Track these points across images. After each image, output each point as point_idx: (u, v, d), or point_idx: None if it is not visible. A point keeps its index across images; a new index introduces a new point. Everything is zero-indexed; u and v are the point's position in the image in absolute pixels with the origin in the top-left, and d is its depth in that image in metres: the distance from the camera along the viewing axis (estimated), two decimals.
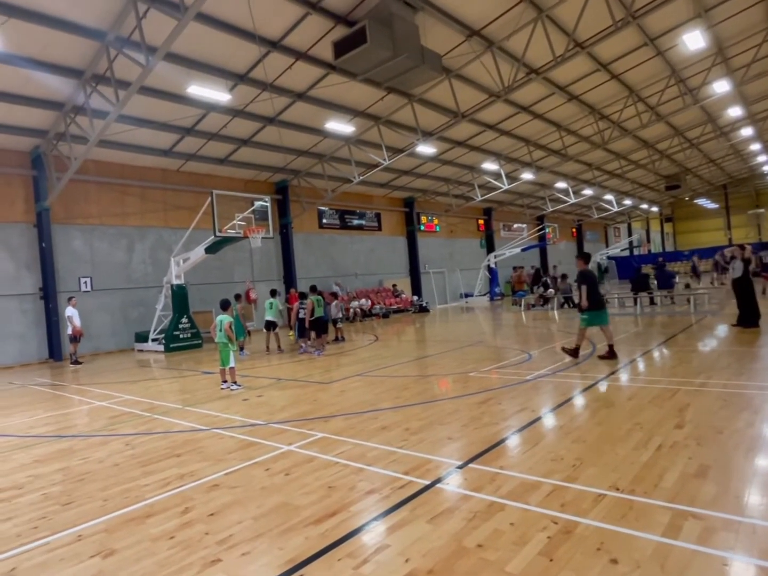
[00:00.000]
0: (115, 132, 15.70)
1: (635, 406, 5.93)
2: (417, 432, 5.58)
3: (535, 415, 5.90)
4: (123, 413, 7.87)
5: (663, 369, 8.17)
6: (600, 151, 28.69)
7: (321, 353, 13.09)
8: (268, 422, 6.51)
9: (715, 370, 7.55)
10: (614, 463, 4.27)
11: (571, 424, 5.47)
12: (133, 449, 5.80)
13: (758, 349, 9.09)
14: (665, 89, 21.67)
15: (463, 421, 5.86)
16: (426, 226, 32.64)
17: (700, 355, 9.02)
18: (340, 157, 22.24)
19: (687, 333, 11.87)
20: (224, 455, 5.28)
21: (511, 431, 5.36)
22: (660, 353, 9.58)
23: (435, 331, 18.27)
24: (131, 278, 19.22)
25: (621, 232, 58.62)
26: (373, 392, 7.96)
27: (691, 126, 28.99)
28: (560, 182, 34.38)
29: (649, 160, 33.60)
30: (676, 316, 15.55)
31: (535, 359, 9.81)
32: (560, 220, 44.51)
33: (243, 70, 14.70)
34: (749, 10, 16.82)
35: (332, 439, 5.57)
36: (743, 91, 24.21)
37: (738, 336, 10.68)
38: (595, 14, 14.33)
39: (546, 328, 15.45)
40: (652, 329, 13.20)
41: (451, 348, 12.49)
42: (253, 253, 22.49)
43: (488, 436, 5.22)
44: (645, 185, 42.15)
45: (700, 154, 36.30)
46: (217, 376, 9.62)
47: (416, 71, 13.97)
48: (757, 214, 56.83)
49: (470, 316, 23.24)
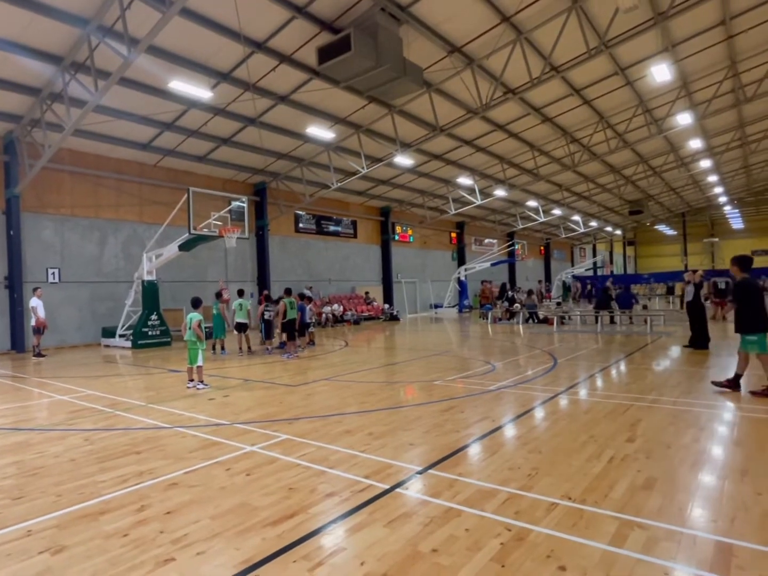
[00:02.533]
0: (93, 122, 15.36)
1: (590, 420, 6.04)
2: (380, 437, 5.57)
3: (496, 425, 5.94)
4: (84, 408, 7.62)
5: (619, 385, 8.34)
6: (570, 173, 29.30)
7: (291, 356, 12.97)
8: (233, 422, 6.39)
9: (666, 388, 7.76)
10: (568, 473, 4.33)
11: (529, 434, 5.53)
12: (91, 445, 5.62)
13: (706, 369, 9.35)
14: (632, 117, 22.30)
15: (425, 428, 5.87)
16: (400, 236, 32.76)
17: (653, 373, 9.25)
18: (320, 163, 22.19)
19: (642, 352, 12.15)
20: (185, 454, 5.17)
21: (472, 439, 5.39)
22: (617, 370, 9.78)
23: (404, 339, 18.29)
24: (102, 272, 18.72)
25: (586, 252, 59.92)
26: (339, 396, 7.90)
27: (655, 155, 29.92)
28: (531, 201, 34.98)
29: (615, 184, 34.52)
30: (633, 335, 15.92)
31: (499, 370, 9.90)
32: (530, 237, 45.30)
33: (226, 68, 14.54)
34: (713, 48, 17.47)
35: (296, 441, 5.50)
36: (704, 124, 25.09)
37: (689, 357, 10.99)
38: (571, 40, 14.68)
39: (511, 341, 15.62)
40: (611, 347, 13.48)
41: (419, 356, 12.52)
42: (228, 253, 22.19)
43: (449, 444, 5.24)
44: (610, 209, 43.23)
45: (662, 182, 37.45)
46: (184, 374, 9.43)
47: (398, 82, 14.07)
48: (711, 243, 59.01)
49: (439, 326, 23.36)
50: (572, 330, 18.09)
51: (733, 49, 18.03)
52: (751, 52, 18.35)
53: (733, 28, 16.43)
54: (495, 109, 18.22)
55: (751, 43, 17.67)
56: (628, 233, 62.12)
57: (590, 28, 14.71)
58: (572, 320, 20.62)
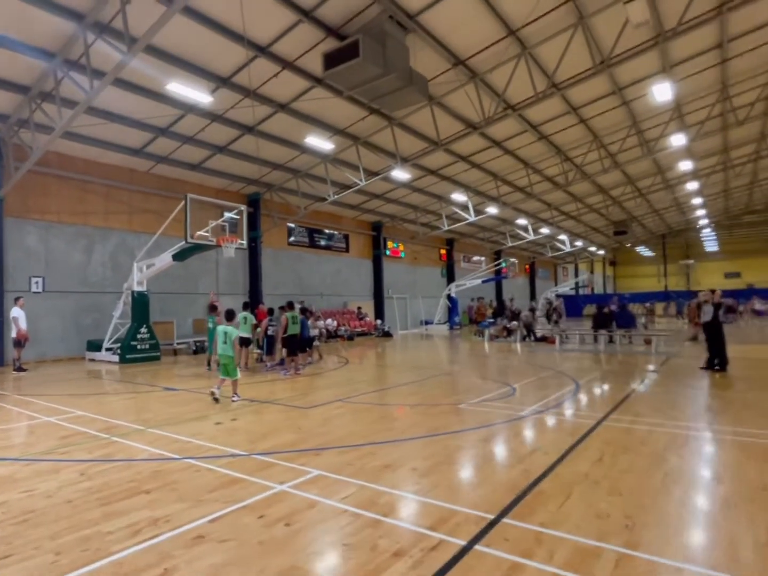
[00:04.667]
0: (84, 124, 14.39)
1: (653, 453, 5.31)
2: (427, 473, 4.77)
3: (551, 458, 5.17)
4: (75, 433, 6.65)
5: (658, 411, 7.65)
6: (560, 192, 29.13)
7: (288, 373, 12.08)
8: (251, 453, 5.53)
9: (712, 415, 7.12)
10: (668, 522, 3.61)
11: (595, 471, 4.77)
12: (89, 480, 4.70)
13: (741, 394, 8.75)
14: (626, 138, 22.14)
15: (473, 462, 5.11)
16: (392, 251, 32.10)
17: (687, 398, 8.56)
18: (315, 175, 21.46)
19: (661, 373, 11.49)
20: (204, 494, 4.30)
21: (532, 477, 4.62)
22: (646, 394, 9.07)
23: (404, 357, 17.42)
24: (88, 281, 17.57)
25: (569, 271, 60.06)
26: (361, 422, 7.08)
27: (643, 176, 29.93)
28: (521, 219, 34.69)
29: (603, 204, 34.47)
30: (638, 355, 15.36)
31: (520, 393, 9.17)
32: (516, 255, 45.04)
33: (227, 73, 13.79)
34: (707, 70, 17.35)
35: (331, 478, 4.67)
36: (692, 147, 25.10)
37: (714, 379, 10.27)
38: (573, 57, 14.37)
39: (517, 361, 14.92)
40: (624, 368, 12.74)
41: (428, 376, 11.73)
42: (219, 264, 21.22)
43: (509, 482, 4.47)
44: (596, 229, 43.29)
45: (647, 203, 37.61)
46: (181, 393, 8.55)
47: (403, 92, 13.45)
48: (687, 264, 59.76)
49: (434, 343, 22.60)
50: (574, 349, 17.49)
51: (726, 73, 17.96)
52: (742, 76, 18.33)
53: (728, 52, 16.32)
54: (493, 125, 17.80)
55: (744, 68, 17.63)
56: (609, 254, 62.54)
57: (594, 46, 14.42)
58: (569, 339, 20.07)
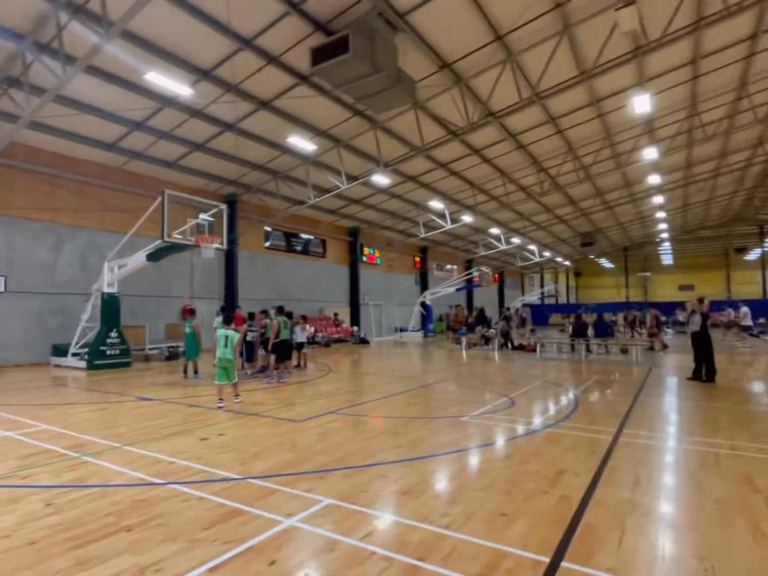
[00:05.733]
0: (54, 114, 13.26)
1: (692, 476, 4.79)
2: (453, 501, 4.10)
3: (583, 481, 4.55)
4: (39, 451, 5.68)
5: (673, 426, 7.17)
6: (533, 202, 29.06)
7: (271, 381, 11.23)
8: (245, 476, 4.72)
9: (727, 431, 6.63)
10: (753, 566, 3.02)
11: (638, 498, 4.16)
12: (57, 513, 3.83)
13: (739, 406, 8.38)
14: (600, 150, 22.12)
15: (501, 486, 4.44)
16: (368, 257, 31.39)
17: (693, 410, 8.11)
18: (295, 177, 20.61)
19: (651, 385, 10.99)
20: (199, 531, 3.50)
21: (573, 505, 3.98)
22: (649, 406, 8.53)
23: (387, 365, 16.55)
24: (55, 282, 16.24)
25: (535, 281, 60.52)
26: (361, 437, 6.34)
27: (611, 189, 30.14)
28: (494, 228, 34.51)
29: (572, 215, 34.65)
30: (620, 364, 15.04)
31: (520, 405, 8.57)
32: (487, 264, 44.94)
33: (208, 65, 12.89)
34: (678, 86, 17.38)
35: (344, 508, 3.93)
36: (660, 161, 25.35)
37: (709, 391, 9.82)
38: (556, 67, 14.07)
39: (504, 369, 14.38)
40: (612, 377, 12.18)
41: (418, 385, 11.07)
42: (194, 267, 20.09)
43: (550, 513, 3.84)
44: (563, 240, 43.60)
45: (613, 216, 38.05)
46: (157, 403, 7.65)
47: (391, 92, 12.83)
48: (645, 277, 61.12)
49: (413, 351, 21.91)
50: (554, 358, 17.10)
51: (696, 89, 18.06)
52: (711, 93, 18.49)
53: (700, 68, 16.37)
54: (473, 133, 17.41)
55: (713, 85, 17.77)
56: (574, 264, 63.41)
57: (577, 55, 14.21)
58: (545, 347, 19.74)
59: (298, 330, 13.43)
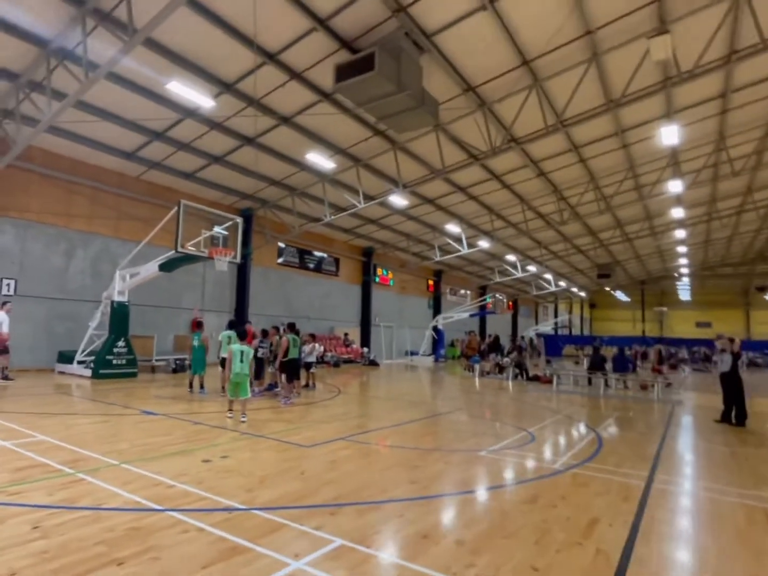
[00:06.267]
0: (74, 120, 13.21)
1: (749, 534, 4.19)
2: (478, 550, 3.57)
3: (619, 533, 3.97)
4: (33, 464, 5.28)
5: (714, 476, 6.56)
6: (551, 231, 28.62)
7: (289, 402, 10.75)
8: (250, 506, 4.24)
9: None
10: None
11: (685, 558, 3.63)
12: (45, 538, 3.42)
13: None
14: (623, 180, 21.71)
15: (529, 534, 3.91)
16: (381, 278, 31.06)
17: (731, 458, 7.40)
18: (312, 194, 20.45)
19: (677, 426, 10.32)
20: (197, 570, 3.06)
21: (613, 562, 3.43)
22: (682, 451, 7.94)
23: (399, 390, 15.97)
24: (65, 288, 16.05)
25: (549, 311, 59.67)
26: (373, 468, 5.84)
27: (632, 221, 29.61)
28: (510, 255, 34.06)
29: (591, 246, 34.10)
30: (641, 401, 14.28)
31: (540, 440, 7.99)
32: (501, 291, 44.40)
33: (232, 78, 12.81)
34: (706, 120, 17.00)
35: (359, 551, 3.44)
36: (682, 195, 24.84)
37: (742, 436, 9.12)
38: (582, 95, 13.76)
39: (519, 400, 13.77)
40: (635, 415, 11.44)
41: (431, 414, 10.50)
42: (206, 279, 19.86)
43: (588, 570, 3.31)
44: (580, 270, 42.96)
45: (632, 249, 37.41)
46: (161, 418, 7.30)
47: (414, 113, 12.58)
48: (661, 312, 60.00)
49: (424, 376, 21.24)
50: (570, 391, 16.38)
51: (725, 123, 17.66)
52: (740, 128, 18.06)
53: (730, 102, 15.99)
54: (494, 158, 17.12)
55: (742, 120, 17.35)
56: (589, 296, 62.53)
57: (605, 84, 13.93)
58: (562, 379, 19.01)
59: (306, 349, 12.99)
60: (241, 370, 8.37)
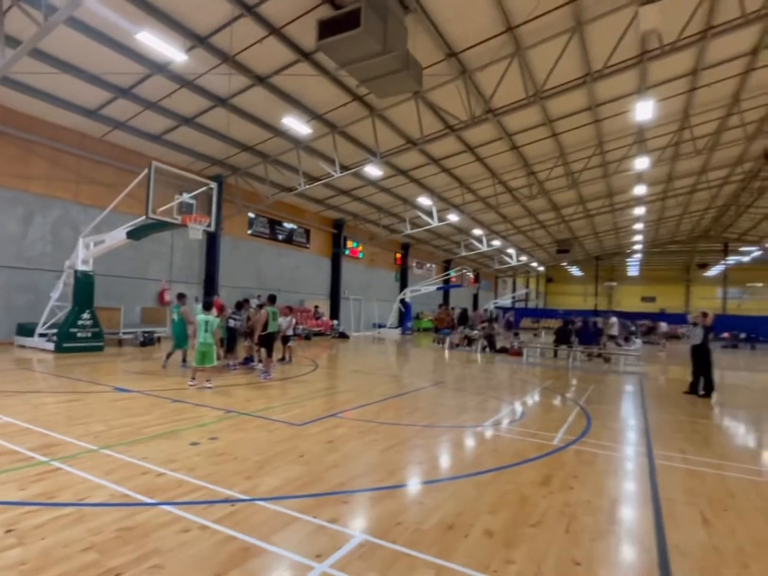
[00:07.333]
0: (30, 71, 11.86)
1: (762, 510, 4.05)
2: (511, 541, 3.26)
3: (645, 517, 3.76)
4: (1, 452, 4.58)
5: (707, 450, 6.49)
6: (518, 206, 28.60)
7: (268, 377, 10.20)
8: (253, 497, 3.75)
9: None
10: None
11: (721, 541, 3.44)
12: (21, 545, 2.82)
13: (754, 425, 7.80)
14: (591, 156, 21.71)
15: (557, 522, 3.64)
16: (351, 251, 30.39)
17: (717, 432, 7.42)
18: (285, 162, 19.48)
19: (652, 398, 10.39)
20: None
21: (651, 553, 3.18)
22: (669, 424, 7.89)
23: (375, 362, 15.53)
24: (23, 256, 14.74)
25: (508, 285, 60.52)
26: (375, 448, 5.44)
27: (594, 198, 29.92)
28: (477, 229, 33.97)
29: (553, 222, 34.39)
30: (609, 374, 14.40)
31: (529, 415, 7.80)
32: (465, 266, 44.53)
33: (205, 31, 11.72)
34: (676, 97, 17.04)
35: (384, 548, 3.04)
36: (644, 173, 25.16)
37: (718, 408, 9.29)
38: (563, 65, 13.45)
39: (495, 372, 13.65)
40: (606, 387, 11.55)
41: (416, 388, 10.18)
42: (174, 249, 18.71)
43: (631, 563, 3.05)
44: (541, 245, 43.48)
45: (591, 225, 38.02)
46: (136, 395, 6.98)
47: (398, 76, 11.86)
48: (610, 286, 61.99)
49: (395, 348, 20.97)
50: (540, 364, 16.38)
51: (691, 102, 17.78)
52: (705, 107, 18.25)
53: (699, 80, 16.05)
54: (470, 129, 16.68)
55: (707, 98, 17.50)
56: (546, 271, 63.74)
57: (584, 56, 13.67)
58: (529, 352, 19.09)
59: (284, 322, 12.39)
60: (205, 339, 8.67)
